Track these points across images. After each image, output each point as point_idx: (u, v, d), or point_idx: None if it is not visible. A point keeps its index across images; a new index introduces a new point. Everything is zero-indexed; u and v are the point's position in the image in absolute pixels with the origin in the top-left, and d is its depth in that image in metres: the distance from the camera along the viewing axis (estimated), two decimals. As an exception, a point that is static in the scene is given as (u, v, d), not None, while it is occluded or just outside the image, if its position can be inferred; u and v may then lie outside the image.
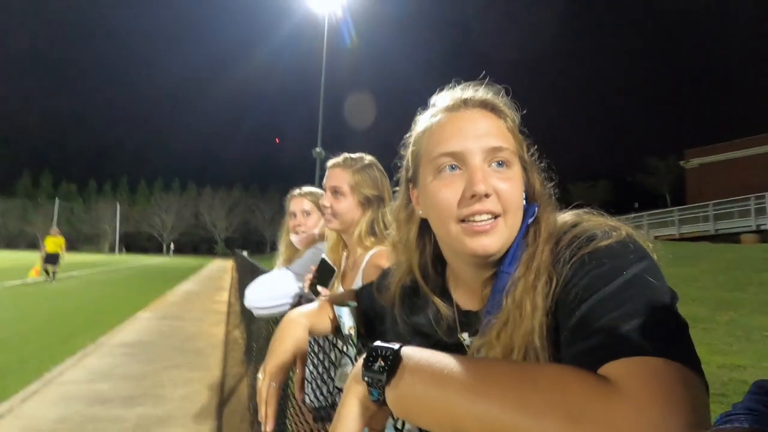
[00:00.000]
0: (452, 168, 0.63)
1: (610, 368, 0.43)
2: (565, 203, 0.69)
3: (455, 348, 0.69)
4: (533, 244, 0.61)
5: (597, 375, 0.42)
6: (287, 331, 0.84)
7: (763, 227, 15.87)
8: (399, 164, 0.78)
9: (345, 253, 1.51)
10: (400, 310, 0.79)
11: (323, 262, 1.53)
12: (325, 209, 1.39)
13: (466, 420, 0.44)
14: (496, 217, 0.61)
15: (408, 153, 0.74)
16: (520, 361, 0.55)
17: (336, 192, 1.38)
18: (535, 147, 0.70)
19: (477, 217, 0.60)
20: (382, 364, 0.51)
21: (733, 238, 16.44)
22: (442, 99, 0.70)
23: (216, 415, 3.58)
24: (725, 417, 0.33)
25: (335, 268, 1.56)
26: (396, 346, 0.53)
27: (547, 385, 0.41)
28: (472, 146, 0.62)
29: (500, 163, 0.63)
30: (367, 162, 1.42)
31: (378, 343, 0.54)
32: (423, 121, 0.71)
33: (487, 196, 0.60)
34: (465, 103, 0.66)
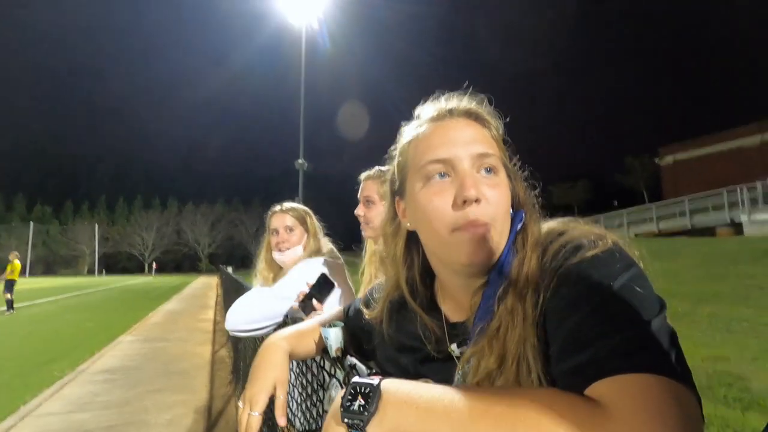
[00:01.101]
0: (441, 175, 0.63)
1: (600, 387, 0.42)
2: (547, 204, 0.69)
3: (445, 361, 0.67)
4: (522, 250, 0.61)
5: (587, 399, 0.42)
6: (267, 356, 0.81)
7: (736, 220, 16.39)
8: (384, 178, 0.77)
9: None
10: (388, 326, 0.77)
11: (323, 276, 1.51)
12: (359, 218, 1.55)
13: None
14: (486, 225, 0.60)
15: (394, 165, 0.73)
16: (508, 386, 0.53)
17: (368, 201, 1.52)
18: (518, 156, 0.70)
19: (469, 225, 0.60)
20: (362, 402, 0.49)
21: (709, 231, 16.95)
22: (427, 110, 0.70)
23: (204, 440, 3.46)
24: None
25: (335, 283, 1.54)
26: (375, 381, 0.50)
27: (538, 414, 0.40)
28: (461, 152, 0.62)
29: (488, 170, 0.63)
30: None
31: (356, 379, 0.52)
32: (408, 132, 0.70)
33: (477, 201, 0.60)
34: (450, 113, 0.67)
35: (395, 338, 0.76)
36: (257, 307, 1.56)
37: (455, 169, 0.62)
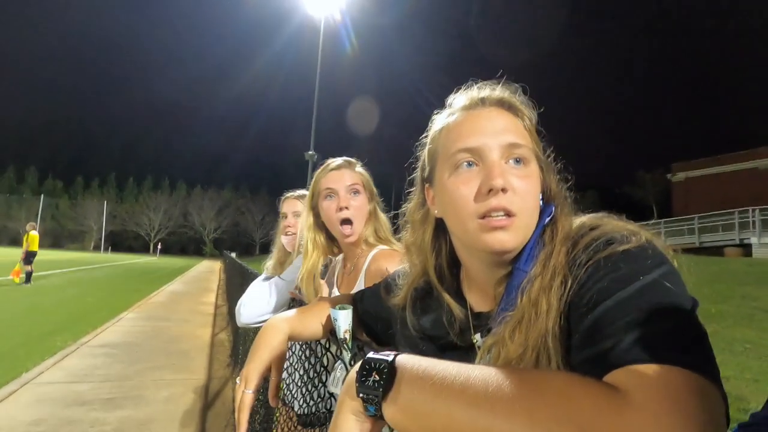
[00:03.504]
0: (469, 164, 0.63)
1: (621, 375, 0.41)
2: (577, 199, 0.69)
3: (467, 350, 0.68)
4: (550, 244, 0.60)
5: (607, 385, 0.41)
6: (265, 337, 0.83)
7: (746, 241, 16.19)
8: (414, 165, 0.78)
9: (336, 266, 1.47)
10: (411, 312, 0.78)
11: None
12: (343, 212, 1.31)
13: None
14: (512, 215, 0.60)
15: (424, 152, 0.74)
16: (526, 368, 0.53)
17: (356, 191, 1.34)
18: (552, 148, 0.70)
19: (494, 214, 0.60)
20: (377, 378, 0.48)
21: (717, 251, 16.75)
22: (459, 99, 0.70)
23: (200, 419, 3.50)
24: (744, 428, 0.32)
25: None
26: (390, 357, 0.50)
27: (556, 397, 0.39)
28: (490, 142, 0.62)
29: (518, 160, 0.62)
30: (358, 161, 1.44)
31: (371, 354, 0.52)
32: (440, 120, 0.71)
33: (504, 191, 0.59)
34: (482, 102, 0.67)
35: (417, 325, 0.77)
36: (266, 299, 1.57)
37: (483, 158, 0.62)
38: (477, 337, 0.68)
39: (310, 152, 16.07)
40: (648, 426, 0.35)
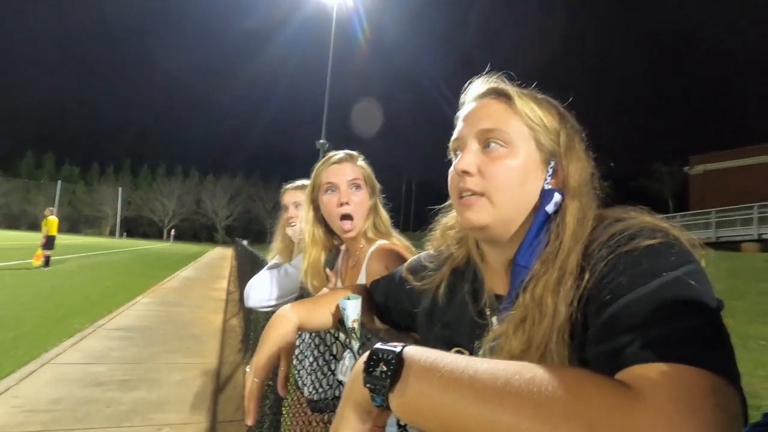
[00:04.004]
0: (456, 152, 0.71)
1: (636, 372, 0.40)
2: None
3: (481, 329, 0.69)
4: (556, 239, 0.59)
5: (619, 382, 0.40)
6: (274, 327, 0.84)
7: (764, 236, 15.83)
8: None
9: (340, 258, 1.47)
10: (446, 293, 0.79)
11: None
12: (343, 208, 1.29)
13: (477, 429, 0.41)
14: (477, 194, 0.65)
15: None
16: (534, 363, 0.53)
17: (357, 186, 1.33)
18: (584, 134, 0.70)
19: (464, 194, 0.66)
20: (384, 368, 0.48)
21: (734, 246, 16.41)
22: (467, 93, 0.75)
23: (211, 402, 3.59)
24: (756, 427, 0.31)
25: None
26: (397, 348, 0.50)
27: (565, 393, 0.38)
28: (466, 131, 0.69)
29: (491, 144, 0.66)
30: (360, 155, 1.42)
31: (379, 345, 0.51)
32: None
33: (465, 173, 0.65)
34: (477, 95, 0.72)
35: (446, 307, 0.78)
36: (275, 284, 1.59)
37: (463, 147, 0.69)
38: (494, 320, 0.68)
39: (321, 141, 16.07)
40: (660, 425, 0.34)
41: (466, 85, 0.75)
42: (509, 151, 0.65)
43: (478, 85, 0.73)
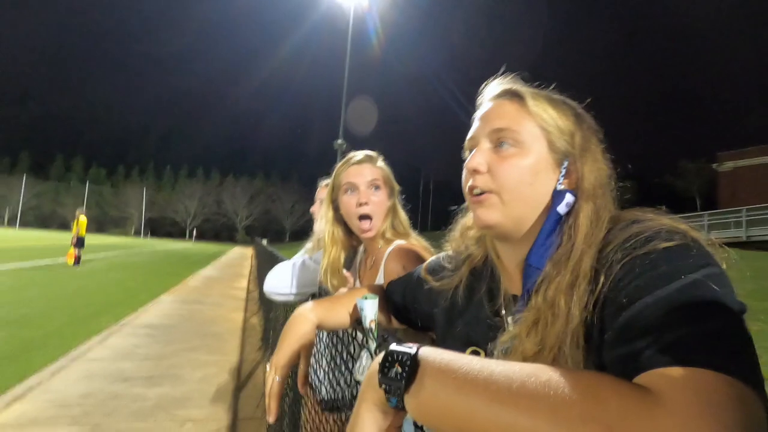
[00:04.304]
0: (470, 152, 0.71)
1: (654, 376, 0.39)
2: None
3: (496, 329, 0.69)
4: (568, 241, 0.58)
5: (637, 385, 0.39)
6: (293, 326, 0.84)
7: (799, 235, 15.17)
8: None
9: (359, 257, 1.48)
10: (463, 293, 0.80)
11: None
12: (362, 208, 1.30)
13: (493, 431, 0.40)
14: (487, 192, 0.66)
15: None
16: (550, 365, 0.52)
17: (376, 187, 1.34)
18: (603, 134, 0.70)
19: (474, 191, 0.67)
20: (399, 370, 0.48)
21: (765, 245, 15.76)
22: (482, 96, 0.75)
23: (232, 399, 3.66)
24: None
25: None
26: (413, 349, 0.50)
27: (582, 396, 0.37)
28: (479, 131, 0.70)
29: (501, 143, 0.67)
30: (381, 156, 1.43)
31: (394, 346, 0.51)
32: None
33: (476, 171, 0.67)
34: (494, 97, 0.72)
35: (464, 307, 0.78)
36: (295, 275, 1.61)
37: (476, 146, 0.70)
38: (509, 320, 0.68)
39: (339, 141, 16.14)
40: (679, 430, 0.33)
41: (482, 86, 0.76)
42: (520, 151, 0.65)
43: (494, 86, 0.73)
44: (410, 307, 0.94)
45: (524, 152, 0.65)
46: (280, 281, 1.63)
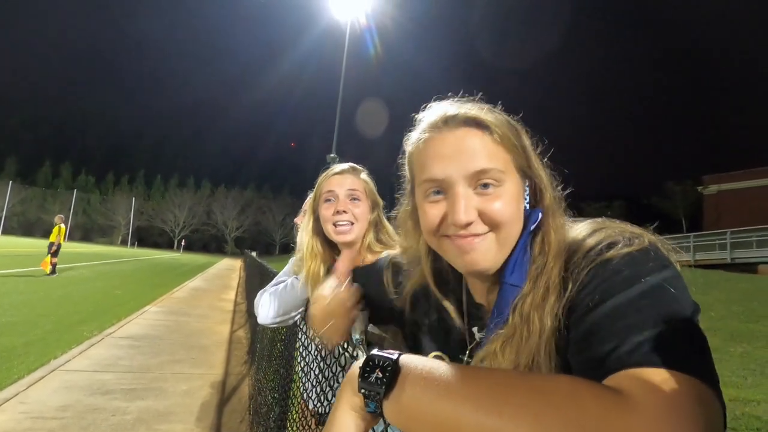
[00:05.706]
0: (436, 192, 0.63)
1: (623, 378, 0.41)
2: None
3: (463, 343, 0.70)
4: (541, 257, 0.60)
5: (611, 389, 0.41)
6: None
7: (782, 259, 15.47)
8: (402, 171, 0.77)
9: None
10: (411, 313, 0.81)
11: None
12: (341, 216, 1.30)
13: None
14: (481, 234, 0.61)
15: (406, 167, 0.74)
16: (529, 372, 0.54)
17: (356, 198, 1.33)
18: (542, 146, 0.68)
19: (461, 231, 0.61)
20: (380, 375, 0.49)
21: (750, 267, 16.04)
22: (429, 115, 0.68)
23: (216, 414, 3.57)
24: None
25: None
26: (394, 355, 0.50)
27: (563, 401, 0.40)
28: (455, 173, 0.61)
29: (487, 185, 0.61)
30: (365, 169, 1.43)
31: (375, 351, 0.52)
32: (412, 139, 0.70)
33: (469, 224, 0.60)
34: (446, 123, 0.64)
35: (419, 322, 0.79)
36: (285, 299, 1.58)
37: (449, 189, 0.62)
38: (474, 330, 0.69)
39: (332, 155, 16.19)
40: (651, 430, 0.36)
41: (422, 108, 0.69)
42: (503, 188, 0.61)
43: (443, 110, 0.66)
44: (383, 310, 0.96)
45: (506, 187, 0.62)
46: (270, 309, 1.59)
